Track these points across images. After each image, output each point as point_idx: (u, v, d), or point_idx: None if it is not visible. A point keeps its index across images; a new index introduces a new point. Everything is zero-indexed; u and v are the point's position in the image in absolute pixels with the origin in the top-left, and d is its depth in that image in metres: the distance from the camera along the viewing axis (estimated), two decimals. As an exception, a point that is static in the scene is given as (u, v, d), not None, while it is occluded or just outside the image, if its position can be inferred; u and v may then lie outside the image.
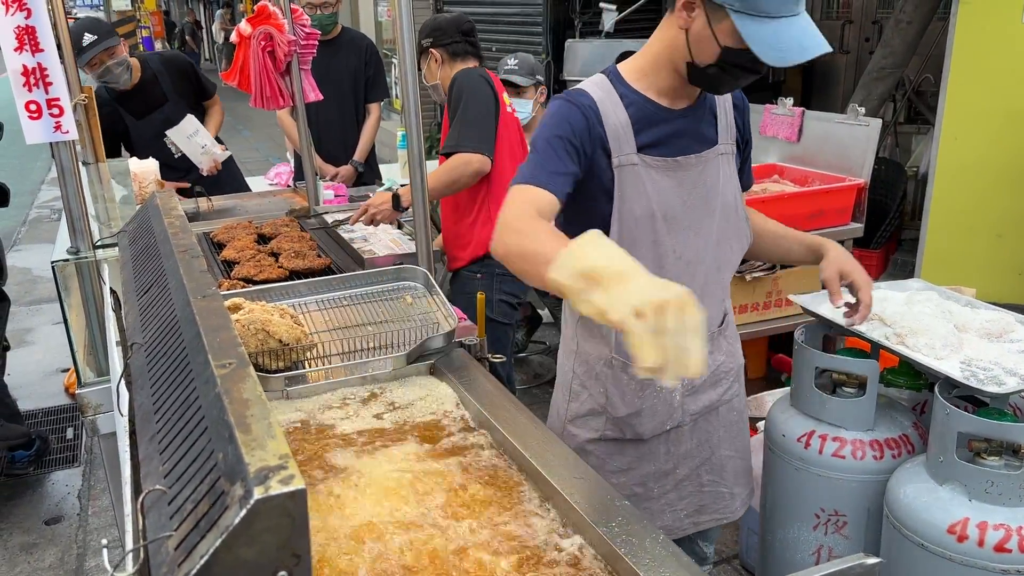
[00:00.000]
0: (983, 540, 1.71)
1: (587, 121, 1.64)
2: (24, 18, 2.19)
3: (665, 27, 1.67)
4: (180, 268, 1.44)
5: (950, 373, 1.80)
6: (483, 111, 2.87)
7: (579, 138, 1.63)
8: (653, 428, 1.84)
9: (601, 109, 1.66)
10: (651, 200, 1.69)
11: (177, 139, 3.89)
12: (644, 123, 1.69)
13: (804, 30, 1.52)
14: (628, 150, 1.67)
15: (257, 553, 0.77)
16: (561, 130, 1.63)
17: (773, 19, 1.49)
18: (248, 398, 0.94)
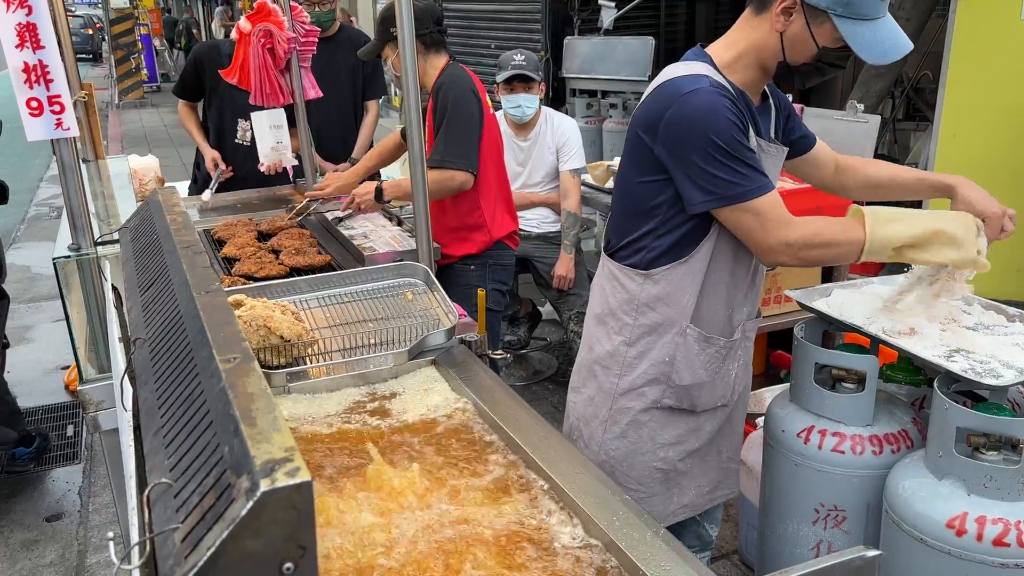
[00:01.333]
0: (982, 534, 1.72)
1: (739, 108, 1.77)
2: (25, 15, 2.19)
3: (752, 27, 1.80)
4: (183, 264, 1.45)
5: (948, 367, 1.81)
6: (469, 125, 2.93)
7: (744, 125, 1.77)
8: (709, 401, 1.98)
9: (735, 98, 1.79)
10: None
11: (258, 124, 3.76)
12: (751, 113, 1.83)
13: (894, 29, 1.71)
14: (752, 132, 1.82)
15: (264, 545, 0.77)
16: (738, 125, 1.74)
17: (870, 21, 1.67)
18: (253, 392, 0.94)
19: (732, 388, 2.01)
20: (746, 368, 2.07)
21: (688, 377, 1.93)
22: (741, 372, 2.04)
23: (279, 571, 0.79)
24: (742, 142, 1.73)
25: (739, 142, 1.72)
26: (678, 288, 1.88)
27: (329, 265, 2.71)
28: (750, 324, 2.01)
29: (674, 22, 8.18)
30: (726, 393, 2.00)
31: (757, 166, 1.75)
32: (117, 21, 16.80)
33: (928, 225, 1.75)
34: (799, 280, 3.51)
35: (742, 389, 2.08)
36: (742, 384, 2.06)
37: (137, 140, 12.07)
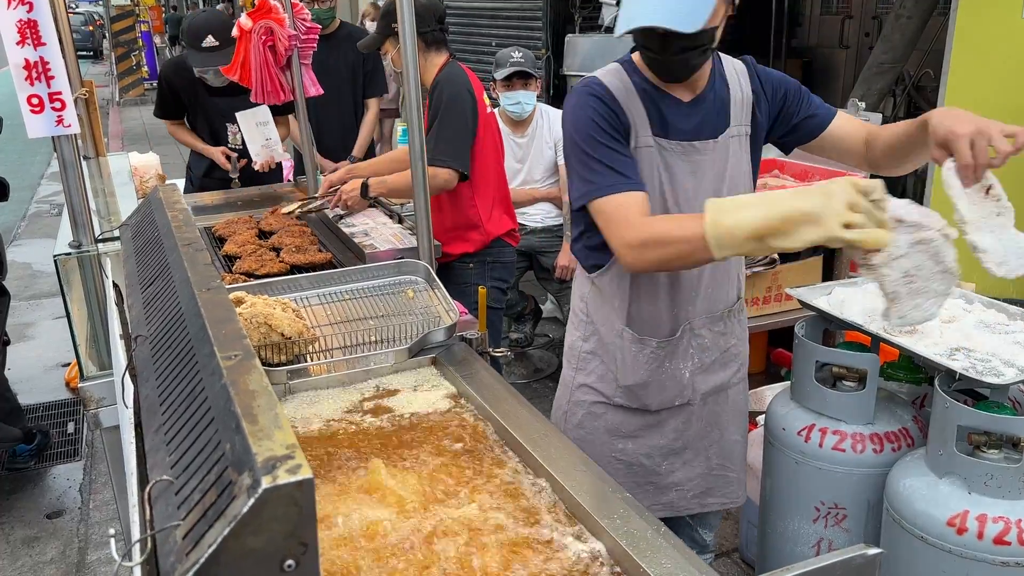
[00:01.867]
0: (982, 533, 1.72)
1: (608, 107, 1.73)
2: (26, 12, 2.19)
3: None
4: (184, 261, 1.45)
5: (949, 365, 1.81)
6: (461, 125, 2.93)
7: (611, 124, 1.72)
8: (661, 401, 1.92)
9: (620, 97, 1.74)
10: (664, 182, 1.78)
11: (245, 123, 3.77)
12: (657, 110, 1.76)
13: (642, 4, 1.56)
14: (645, 134, 1.76)
15: (265, 542, 0.77)
16: (599, 123, 1.71)
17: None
18: (254, 389, 0.94)
19: (691, 388, 1.93)
20: (711, 368, 1.94)
21: (631, 377, 1.91)
22: (700, 373, 1.93)
23: (280, 568, 0.79)
24: (600, 140, 1.70)
25: (596, 140, 1.70)
26: (611, 291, 1.89)
27: (330, 263, 2.71)
28: (701, 321, 1.89)
29: (675, 20, 8.16)
30: (682, 392, 1.93)
31: (613, 165, 1.69)
32: (118, 18, 16.79)
33: (779, 207, 1.42)
34: (800, 278, 3.51)
35: (708, 389, 1.95)
36: (708, 385, 1.95)
37: (138, 137, 12.06)
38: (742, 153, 1.84)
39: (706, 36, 1.61)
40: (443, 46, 3.05)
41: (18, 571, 3.15)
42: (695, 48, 1.63)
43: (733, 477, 2.03)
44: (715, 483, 2.02)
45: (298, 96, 3.43)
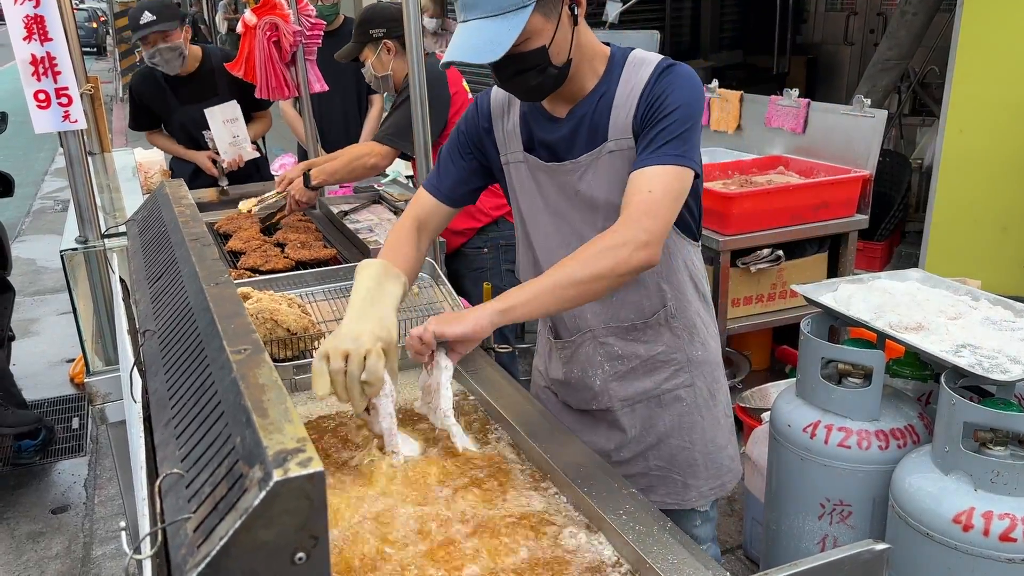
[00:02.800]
0: (988, 530, 1.72)
1: (477, 118, 1.80)
2: (33, 7, 2.19)
3: None
4: (192, 256, 1.45)
5: (956, 362, 1.81)
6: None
7: (469, 133, 1.81)
8: (578, 402, 1.90)
9: (495, 109, 1.79)
10: (537, 197, 1.77)
11: (213, 120, 3.77)
12: (532, 125, 1.75)
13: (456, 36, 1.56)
14: (515, 148, 1.77)
15: (276, 535, 0.77)
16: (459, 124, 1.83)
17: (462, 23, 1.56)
18: (264, 383, 0.95)
19: (606, 395, 1.84)
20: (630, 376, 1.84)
21: (552, 371, 1.93)
22: (616, 381, 1.83)
23: (291, 561, 0.79)
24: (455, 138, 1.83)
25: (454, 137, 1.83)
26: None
27: (334, 259, 2.71)
28: (604, 331, 1.81)
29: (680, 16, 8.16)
30: (597, 398, 1.86)
31: (443, 164, 1.83)
32: (121, 14, 16.76)
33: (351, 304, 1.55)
34: (805, 275, 3.51)
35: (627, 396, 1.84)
36: (629, 391, 1.84)
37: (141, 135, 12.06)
38: (625, 167, 1.65)
39: (535, 57, 1.56)
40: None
41: (23, 566, 3.16)
42: (529, 70, 1.57)
43: (679, 480, 1.90)
44: (656, 482, 1.91)
45: (303, 92, 3.43)
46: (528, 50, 1.54)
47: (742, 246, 3.37)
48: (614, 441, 1.88)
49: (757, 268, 3.44)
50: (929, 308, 2.09)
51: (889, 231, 5.20)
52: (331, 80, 3.71)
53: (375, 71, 3.05)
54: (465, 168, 1.82)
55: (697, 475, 1.89)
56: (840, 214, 3.54)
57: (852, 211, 3.58)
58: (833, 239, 3.64)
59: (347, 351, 1.38)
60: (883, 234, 5.14)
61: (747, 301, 3.51)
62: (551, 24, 1.55)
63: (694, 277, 1.80)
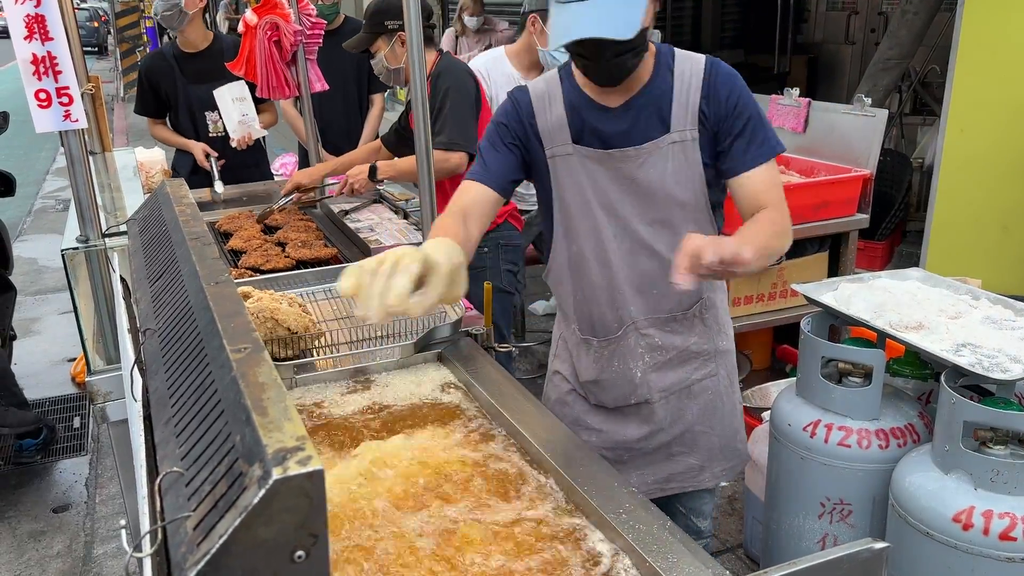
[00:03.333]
0: (988, 529, 1.72)
1: (518, 113, 1.79)
2: (34, 7, 2.19)
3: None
4: (192, 255, 1.45)
5: (956, 361, 1.81)
6: (467, 108, 2.94)
7: (511, 127, 1.80)
8: (615, 399, 1.93)
9: (536, 103, 1.79)
10: (586, 189, 1.78)
11: (222, 99, 3.77)
12: (580, 117, 1.76)
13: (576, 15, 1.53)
14: (562, 141, 1.77)
15: (276, 533, 0.77)
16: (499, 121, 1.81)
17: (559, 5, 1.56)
18: (264, 382, 0.95)
19: (645, 386, 1.89)
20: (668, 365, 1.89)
21: (584, 374, 1.94)
22: (654, 372, 1.88)
23: (291, 559, 0.79)
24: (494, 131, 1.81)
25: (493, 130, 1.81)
26: (559, 289, 1.93)
27: (335, 258, 2.71)
28: (646, 323, 1.85)
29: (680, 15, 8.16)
30: (636, 391, 1.90)
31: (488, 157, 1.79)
32: (123, 14, 16.79)
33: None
34: (806, 274, 3.51)
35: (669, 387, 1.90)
36: (665, 382, 1.90)
37: (143, 133, 12.06)
38: (686, 158, 1.72)
39: (640, 38, 1.59)
40: (431, 43, 3.05)
41: (24, 565, 3.16)
42: (629, 51, 1.60)
43: (696, 464, 1.98)
44: (676, 468, 1.99)
45: (304, 91, 3.44)
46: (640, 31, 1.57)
47: (743, 245, 3.37)
48: (643, 433, 1.95)
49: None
50: (929, 307, 2.09)
51: (890, 230, 5.20)
52: (332, 79, 3.71)
53: (388, 63, 3.04)
54: (509, 159, 1.80)
55: (714, 459, 1.98)
56: (841, 213, 3.54)
57: (853, 210, 3.58)
58: (834, 238, 3.64)
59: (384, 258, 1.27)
60: (884, 233, 5.14)
61: (748, 300, 3.51)
62: (652, 6, 1.62)
63: None
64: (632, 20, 1.53)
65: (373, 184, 3.07)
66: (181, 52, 4.02)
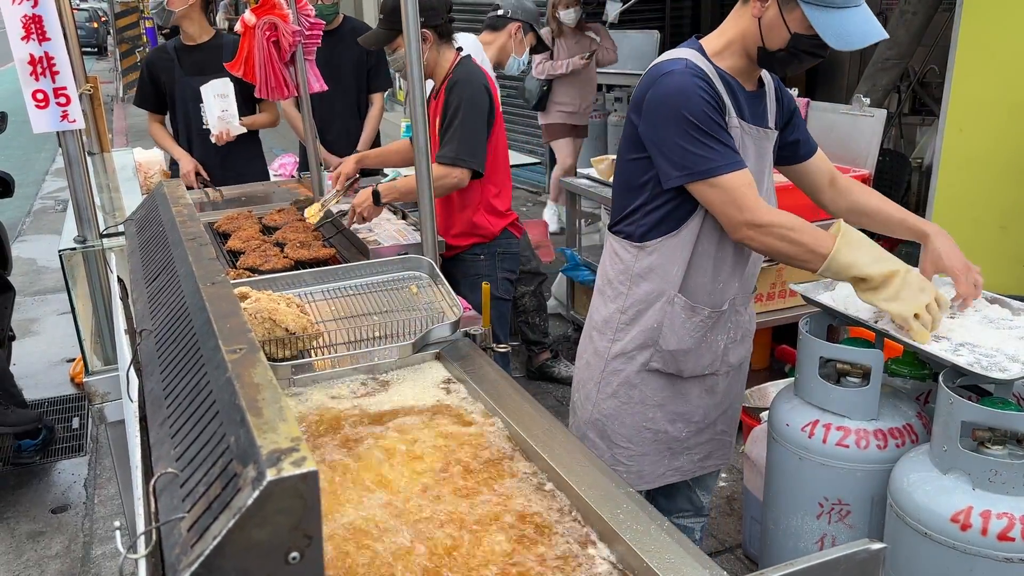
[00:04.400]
0: (986, 529, 1.71)
1: (713, 89, 1.86)
2: (31, 7, 2.19)
3: (738, 15, 1.88)
4: (189, 256, 1.45)
5: (955, 361, 1.81)
6: (479, 124, 2.93)
7: (719, 105, 1.86)
8: (693, 369, 2.06)
9: (712, 80, 1.87)
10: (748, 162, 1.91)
11: (206, 94, 3.85)
12: (738, 96, 1.90)
13: (866, 19, 1.74)
14: (731, 114, 1.89)
15: (270, 534, 0.77)
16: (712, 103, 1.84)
17: (839, 9, 1.72)
18: (259, 382, 0.95)
19: (720, 359, 2.10)
20: (739, 343, 2.14)
21: (674, 343, 2.03)
22: (732, 345, 2.11)
23: (285, 561, 0.79)
24: (715, 119, 1.82)
25: (711, 119, 1.82)
26: (668, 260, 1.98)
27: (333, 258, 2.71)
28: (741, 299, 2.08)
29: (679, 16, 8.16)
30: (714, 362, 2.09)
31: (729, 144, 1.84)
32: (122, 15, 16.79)
33: (887, 267, 1.80)
34: (804, 274, 3.50)
35: (736, 363, 2.15)
36: (736, 357, 2.14)
37: (142, 134, 12.06)
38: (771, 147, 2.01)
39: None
40: (451, 39, 3.05)
41: (23, 565, 3.16)
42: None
43: (728, 440, 2.23)
44: (715, 447, 2.20)
45: (302, 92, 3.43)
46: None
47: (741, 245, 3.37)
48: (703, 407, 2.13)
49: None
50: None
51: (891, 230, 5.19)
52: (331, 80, 3.71)
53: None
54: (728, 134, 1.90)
55: (734, 432, 2.26)
56: (839, 213, 3.53)
57: (852, 210, 3.57)
58: (833, 238, 3.63)
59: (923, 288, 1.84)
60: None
61: (746, 300, 3.51)
62: None
63: None
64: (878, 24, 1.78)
65: (380, 209, 3.05)
66: (182, 45, 4.09)
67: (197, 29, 4.03)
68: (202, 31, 4.05)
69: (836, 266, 1.81)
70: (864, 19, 1.75)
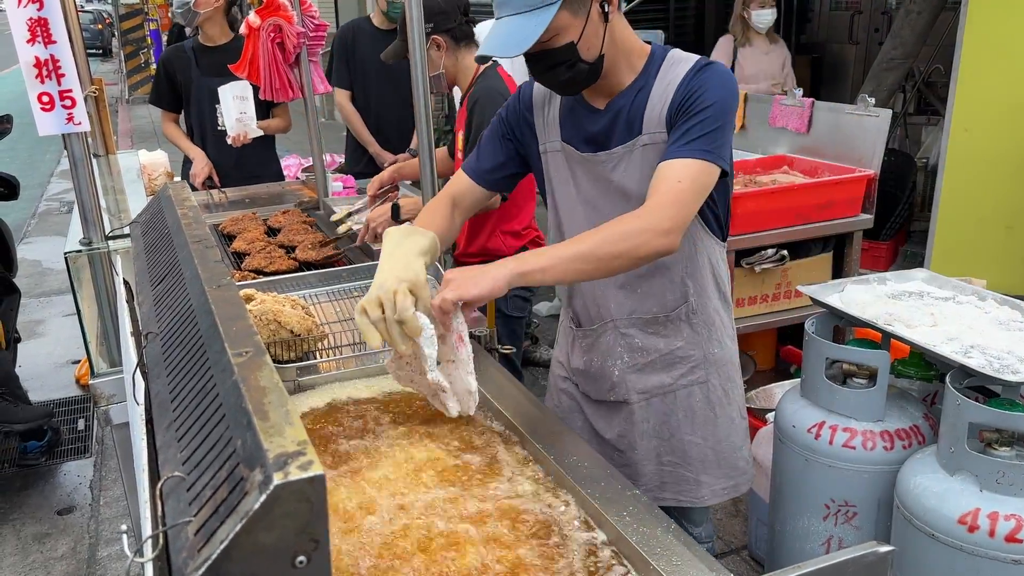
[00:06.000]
0: (994, 530, 1.71)
1: (519, 106, 1.86)
2: (36, 10, 2.19)
3: None
4: (194, 258, 1.45)
5: (966, 363, 1.80)
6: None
7: (509, 120, 1.88)
8: (596, 392, 1.95)
9: (537, 98, 1.85)
10: (572, 186, 1.82)
11: (224, 96, 3.85)
12: (570, 116, 1.81)
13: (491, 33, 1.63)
14: (554, 138, 1.82)
15: (277, 538, 0.77)
16: (501, 111, 1.90)
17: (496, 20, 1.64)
18: (265, 386, 0.94)
19: (623, 386, 1.89)
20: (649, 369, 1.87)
21: (574, 361, 1.99)
22: (632, 372, 1.88)
23: (292, 565, 0.79)
24: (496, 123, 1.90)
25: (495, 123, 1.90)
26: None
27: (340, 261, 2.71)
28: (627, 321, 1.85)
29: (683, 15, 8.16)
30: (614, 389, 1.90)
31: (480, 146, 1.91)
32: (127, 16, 16.84)
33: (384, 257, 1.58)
34: (810, 275, 3.50)
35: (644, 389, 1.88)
36: (643, 384, 1.88)
37: (147, 135, 12.10)
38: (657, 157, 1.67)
39: (564, 52, 1.62)
40: (471, 42, 2.86)
41: (29, 567, 3.17)
42: (559, 64, 1.64)
43: (691, 477, 1.92)
44: (669, 479, 1.94)
45: (307, 94, 3.43)
46: (557, 46, 1.62)
47: (746, 246, 3.37)
48: (628, 434, 1.93)
49: (762, 268, 3.43)
50: (942, 311, 2.08)
51: (894, 231, 5.19)
52: (391, 76, 3.72)
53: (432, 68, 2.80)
54: (503, 153, 1.89)
55: (709, 471, 1.91)
56: (845, 214, 3.53)
57: (857, 211, 3.57)
58: (838, 239, 3.63)
59: (378, 298, 1.44)
60: (888, 234, 5.13)
61: (752, 301, 3.51)
62: (579, 21, 1.61)
63: (717, 276, 1.85)
64: (526, 38, 1.57)
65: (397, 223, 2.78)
66: (200, 45, 4.11)
67: (218, 31, 4.06)
68: (222, 33, 4.08)
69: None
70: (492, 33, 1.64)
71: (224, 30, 4.08)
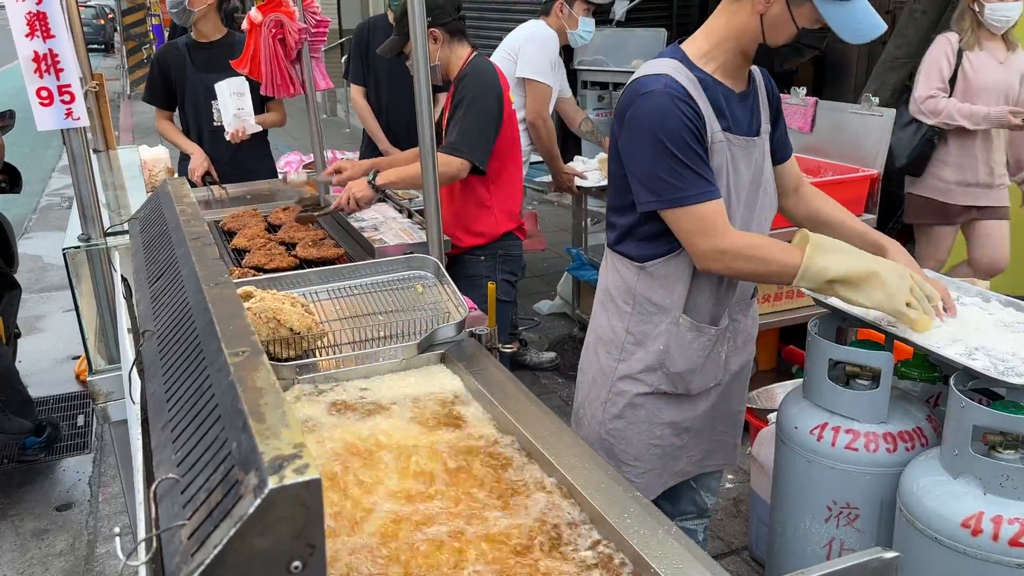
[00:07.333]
0: (998, 534, 1.69)
1: (693, 111, 1.79)
2: (35, 4, 2.18)
3: (732, 13, 1.83)
4: (192, 255, 1.44)
5: (970, 365, 1.78)
6: (485, 118, 2.91)
7: (698, 129, 1.79)
8: (702, 384, 2.05)
9: (694, 96, 1.80)
10: (731, 175, 1.87)
11: (221, 92, 3.86)
12: (720, 104, 1.84)
13: (867, 9, 1.73)
14: (716, 128, 1.83)
15: (272, 543, 0.76)
16: (691, 128, 1.77)
17: (848, 1, 1.70)
18: (262, 387, 0.93)
19: (724, 368, 2.07)
20: (741, 349, 2.11)
21: (682, 364, 2.00)
22: (733, 352, 2.08)
23: (287, 570, 0.77)
24: (692, 146, 1.77)
25: (688, 145, 1.76)
26: (670, 280, 1.94)
27: (342, 258, 2.70)
28: (738, 307, 2.05)
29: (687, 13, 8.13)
30: (718, 374, 2.07)
31: (703, 172, 1.79)
32: (129, 11, 16.80)
33: (865, 265, 1.77)
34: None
35: (737, 368, 2.12)
36: (737, 363, 2.11)
37: (148, 131, 12.05)
38: (768, 145, 1.96)
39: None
40: (464, 36, 3.03)
41: (28, 563, 3.16)
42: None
43: (731, 442, 2.21)
44: (715, 446, 2.17)
45: (308, 90, 3.42)
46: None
47: (749, 245, 3.35)
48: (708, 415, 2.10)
49: (764, 267, 3.41)
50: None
51: (897, 230, 5.16)
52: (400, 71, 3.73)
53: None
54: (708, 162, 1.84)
55: (737, 434, 2.23)
56: (848, 213, 3.51)
57: (860, 210, 3.56)
58: (841, 238, 3.61)
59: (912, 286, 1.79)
60: (891, 233, 5.10)
61: (754, 301, 3.49)
62: None
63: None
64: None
65: (375, 194, 2.98)
66: (194, 42, 4.11)
67: (212, 28, 4.07)
68: (215, 29, 4.09)
69: (811, 273, 1.76)
70: (866, 10, 1.73)
71: (217, 26, 4.09)
